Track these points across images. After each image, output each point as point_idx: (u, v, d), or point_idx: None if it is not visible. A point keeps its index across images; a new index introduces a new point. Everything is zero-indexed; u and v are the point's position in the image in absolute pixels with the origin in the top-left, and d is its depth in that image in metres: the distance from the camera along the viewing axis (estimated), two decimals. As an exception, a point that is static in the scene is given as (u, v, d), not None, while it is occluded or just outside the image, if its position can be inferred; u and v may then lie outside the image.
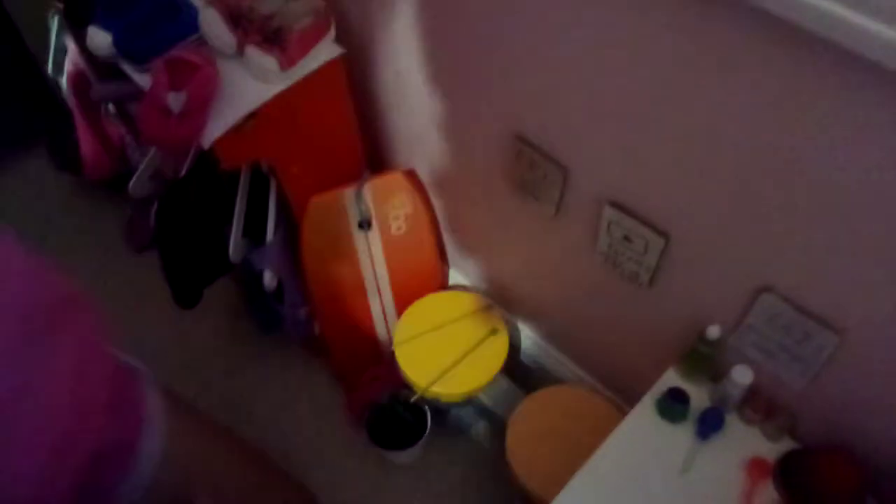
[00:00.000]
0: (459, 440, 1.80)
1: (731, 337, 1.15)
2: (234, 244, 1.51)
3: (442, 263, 1.75)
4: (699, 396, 1.22)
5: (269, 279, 1.51)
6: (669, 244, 1.12)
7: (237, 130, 1.24)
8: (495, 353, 1.55)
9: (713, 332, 1.14)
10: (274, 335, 1.95)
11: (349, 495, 1.72)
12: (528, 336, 1.67)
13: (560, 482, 1.39)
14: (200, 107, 1.21)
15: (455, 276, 1.79)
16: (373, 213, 1.54)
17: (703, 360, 1.20)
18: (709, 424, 1.20)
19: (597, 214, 1.20)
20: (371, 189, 1.51)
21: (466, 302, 1.64)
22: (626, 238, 1.17)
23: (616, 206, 1.15)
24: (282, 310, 1.61)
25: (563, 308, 1.50)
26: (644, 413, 1.23)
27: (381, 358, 1.79)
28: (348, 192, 1.49)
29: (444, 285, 1.72)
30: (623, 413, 1.50)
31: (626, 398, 1.52)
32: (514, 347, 1.57)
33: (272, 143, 1.35)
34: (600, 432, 1.44)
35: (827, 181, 0.84)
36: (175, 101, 1.20)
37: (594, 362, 1.55)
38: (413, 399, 1.53)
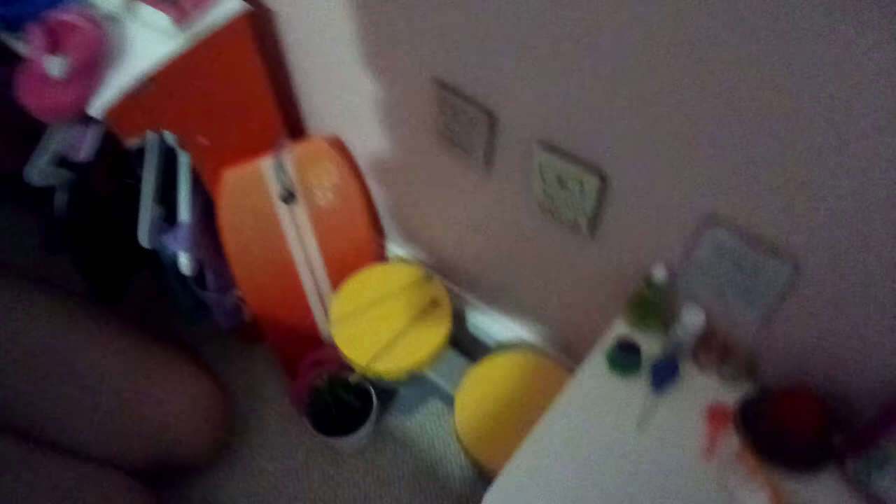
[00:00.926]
0: (410, 422, 1.71)
1: (678, 278, 1.08)
2: (144, 227, 1.39)
3: (376, 235, 1.65)
4: (651, 346, 1.15)
5: (185, 263, 1.39)
6: (606, 184, 1.04)
7: (135, 97, 1.13)
8: (438, 325, 1.46)
9: (658, 273, 1.06)
10: (203, 325, 1.82)
11: (298, 488, 1.62)
12: (472, 304, 1.59)
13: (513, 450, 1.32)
14: (85, 71, 1.09)
15: (392, 248, 1.69)
16: (296, 184, 1.44)
17: (651, 305, 1.13)
18: (662, 375, 1.12)
19: (528, 159, 1.11)
20: (292, 158, 1.40)
21: (404, 274, 1.55)
22: (561, 182, 1.09)
23: (547, 146, 1.06)
24: (207, 296, 1.50)
25: (506, 269, 1.42)
26: (594, 369, 1.15)
27: (320, 340, 1.69)
28: (266, 163, 1.38)
29: (380, 258, 1.62)
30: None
31: (578, 359, 1.44)
32: (459, 318, 1.48)
33: (175, 110, 1.23)
34: (552, 397, 1.37)
35: (761, 91, 0.77)
36: (56, 65, 1.08)
37: (543, 324, 1.47)
38: (353, 380, 1.43)
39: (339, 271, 1.58)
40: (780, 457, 1.03)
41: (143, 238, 1.41)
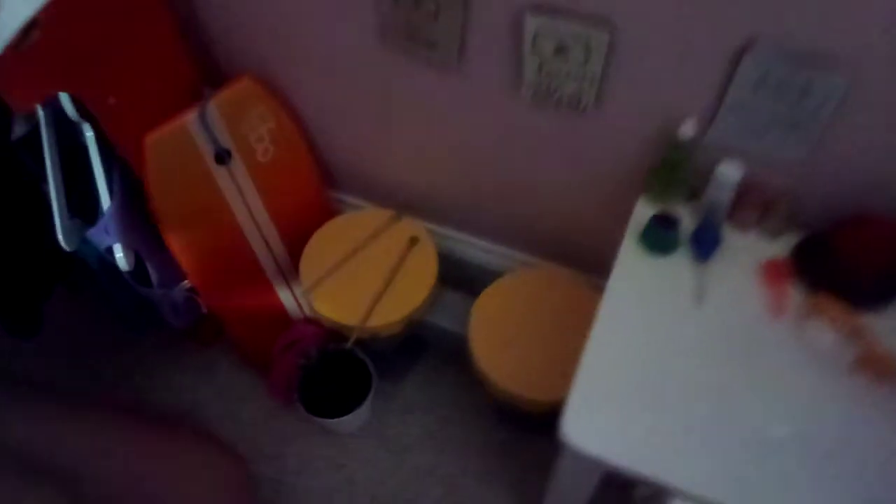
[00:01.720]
0: (408, 384, 1.55)
1: (708, 131, 0.97)
2: (63, 225, 1.15)
3: (326, 187, 1.46)
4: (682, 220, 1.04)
5: (121, 257, 1.16)
6: (616, 35, 0.90)
7: (16, 49, 0.89)
8: (424, 262, 1.30)
9: (686, 128, 0.95)
10: (153, 331, 1.58)
11: (307, 485, 1.43)
12: (458, 239, 1.43)
13: (548, 373, 1.19)
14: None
15: (346, 200, 1.51)
16: (229, 139, 1.23)
17: (676, 171, 1.02)
18: (705, 243, 1.02)
19: (515, 36, 0.96)
20: (218, 108, 1.19)
21: (370, 220, 1.37)
22: (560, 50, 0.94)
23: (542, 10, 0.92)
24: (152, 294, 1.27)
25: (494, 187, 1.27)
26: (631, 257, 1.03)
27: (288, 318, 1.49)
28: (191, 119, 1.16)
29: (334, 212, 1.43)
30: (590, 284, 1.32)
31: (592, 269, 1.32)
32: (447, 257, 1.32)
33: (71, 63, 1.00)
34: (574, 308, 1.25)
35: None
36: None
37: (547, 241, 1.33)
38: (349, 345, 1.25)
39: (294, 234, 1.38)
40: (851, 294, 0.95)
41: (63, 240, 1.16)
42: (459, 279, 1.39)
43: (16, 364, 1.56)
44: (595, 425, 0.88)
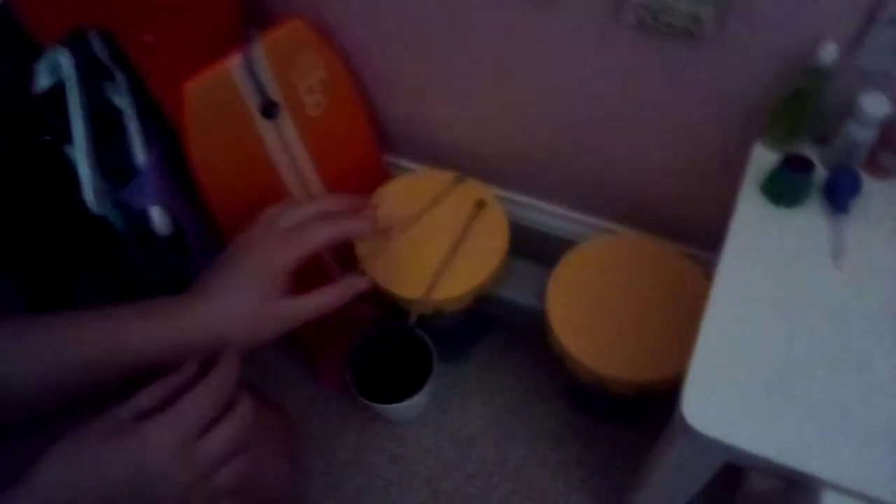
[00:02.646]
0: (476, 366, 1.41)
1: (852, 53, 0.81)
2: (90, 184, 1.02)
3: (380, 148, 1.32)
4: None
5: (159, 220, 1.03)
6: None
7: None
8: (493, 229, 1.16)
9: (827, 51, 0.79)
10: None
11: (362, 479, 1.29)
12: (528, 205, 1.28)
13: (639, 351, 1.04)
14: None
15: (403, 164, 1.37)
16: (276, 88, 1.09)
17: (807, 107, 0.86)
18: (843, 189, 0.86)
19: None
20: (265, 52, 1.05)
21: (430, 183, 1.23)
22: (675, -42, 0.79)
23: None
24: (191, 264, 1.13)
25: (577, 145, 1.12)
26: (751, 209, 0.88)
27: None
28: (235, 64, 1.03)
29: (389, 177, 1.29)
30: (683, 253, 1.16)
31: (680, 236, 1.17)
32: (516, 226, 1.17)
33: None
34: (666, 278, 1.10)
35: None
36: None
37: (633, 204, 1.18)
38: (412, 321, 1.11)
39: (346, 199, 1.24)
40: None
41: (92, 202, 1.04)
42: (529, 250, 1.25)
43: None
44: (721, 407, 0.73)
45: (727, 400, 0.73)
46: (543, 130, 1.13)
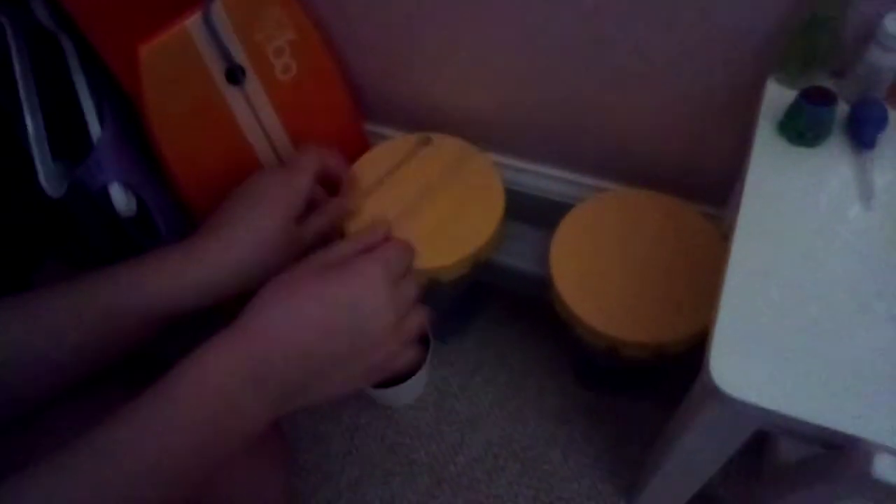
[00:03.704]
0: (474, 341, 1.32)
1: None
2: (45, 166, 0.93)
3: (357, 114, 1.23)
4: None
5: (120, 199, 0.94)
6: None
7: None
8: (488, 191, 1.07)
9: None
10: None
11: (362, 466, 1.21)
12: (522, 168, 1.19)
13: (651, 311, 0.96)
14: None
15: (385, 133, 1.27)
16: (240, 50, 1.00)
17: (824, 34, 0.77)
18: (869, 123, 0.77)
19: None
20: (225, 10, 0.96)
21: (408, 147, 1.14)
22: None
23: None
24: (159, 246, 1.04)
25: (571, 95, 1.03)
26: (769, 151, 0.79)
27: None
28: (194, 24, 0.93)
29: (365, 144, 1.20)
30: (690, 208, 1.08)
31: (686, 191, 1.08)
32: (510, 191, 1.08)
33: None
34: (674, 233, 1.02)
35: None
36: None
37: (633, 159, 1.09)
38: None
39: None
40: None
41: (46, 184, 0.95)
42: (527, 216, 1.16)
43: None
44: (752, 367, 0.64)
45: (759, 360, 0.65)
46: (535, 85, 1.04)
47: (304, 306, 0.62)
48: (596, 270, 1.00)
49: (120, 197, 0.94)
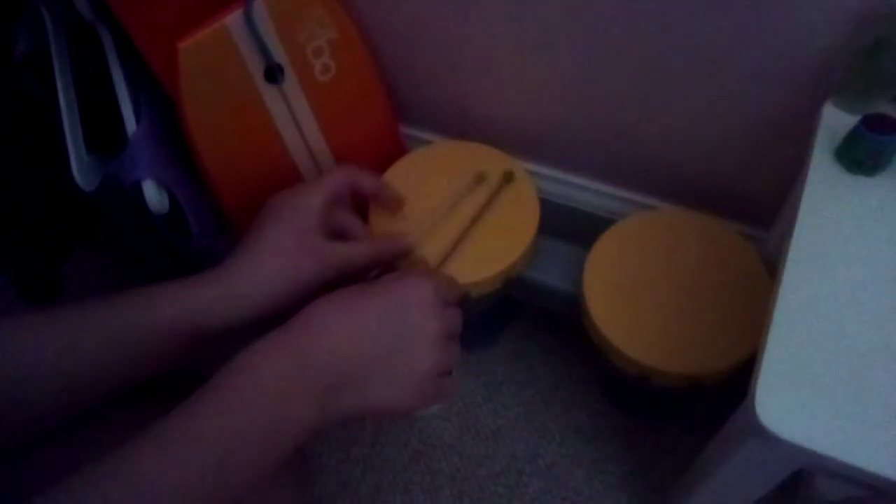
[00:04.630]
0: (503, 354, 1.30)
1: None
2: (78, 159, 0.92)
3: (397, 118, 1.21)
4: None
5: (153, 195, 0.93)
6: None
7: None
8: (523, 206, 1.05)
9: (924, -10, 0.67)
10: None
11: (383, 473, 1.19)
12: (560, 179, 1.17)
13: (686, 340, 0.93)
14: None
15: (423, 138, 1.26)
16: (280, 49, 0.98)
17: (889, 58, 0.74)
18: (933, 154, 0.74)
19: None
20: (267, 8, 0.94)
21: (455, 155, 1.12)
22: None
23: None
24: (192, 246, 1.03)
25: (615, 111, 1.00)
26: (824, 179, 0.76)
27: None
28: (234, 21, 0.92)
29: (407, 151, 1.18)
30: (735, 231, 1.05)
31: (732, 212, 1.05)
32: (547, 202, 1.06)
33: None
34: (716, 258, 0.99)
35: None
36: None
37: (677, 177, 1.06)
38: None
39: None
40: None
41: (79, 177, 0.94)
42: (562, 229, 1.13)
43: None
44: (799, 406, 0.61)
45: (807, 398, 0.61)
46: (580, 95, 1.01)
47: (351, 307, 0.63)
48: (631, 293, 0.97)
49: (153, 194, 0.92)
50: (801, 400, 0.61)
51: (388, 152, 1.15)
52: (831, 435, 0.59)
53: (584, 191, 1.15)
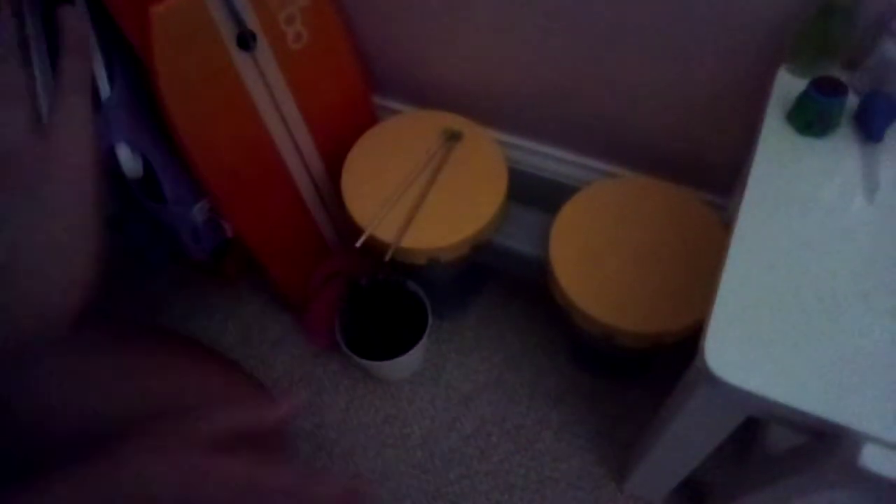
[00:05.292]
0: (473, 320, 1.33)
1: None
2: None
3: (369, 87, 1.23)
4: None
5: (127, 159, 0.94)
6: None
7: None
8: (491, 173, 1.08)
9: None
10: (169, 264, 1.37)
11: (357, 436, 1.22)
12: (527, 148, 1.19)
13: (649, 301, 0.96)
14: None
15: (394, 107, 1.28)
16: (253, 16, 0.99)
17: (836, 24, 0.77)
18: (878, 115, 0.77)
19: None
20: (239, -24, 0.96)
21: (426, 124, 1.14)
22: None
23: None
24: (167, 212, 1.05)
25: (579, 76, 1.03)
26: (776, 140, 0.80)
27: (327, 246, 1.28)
28: (207, -13, 0.93)
29: (378, 120, 1.20)
30: (695, 198, 1.08)
31: (692, 180, 1.09)
32: (515, 171, 1.08)
33: None
34: (677, 223, 1.02)
35: None
36: None
37: (639, 144, 1.09)
38: (387, 258, 1.03)
39: (332, 142, 1.16)
40: None
41: (51, 142, 0.94)
42: (530, 196, 1.16)
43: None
44: (747, 354, 0.65)
45: (754, 347, 0.65)
46: (542, 62, 1.04)
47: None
48: (595, 257, 1.00)
49: (127, 158, 0.94)
50: (748, 348, 0.65)
51: (360, 120, 1.17)
52: (776, 380, 0.63)
53: (551, 159, 1.18)
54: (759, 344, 0.65)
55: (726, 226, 1.00)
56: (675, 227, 1.02)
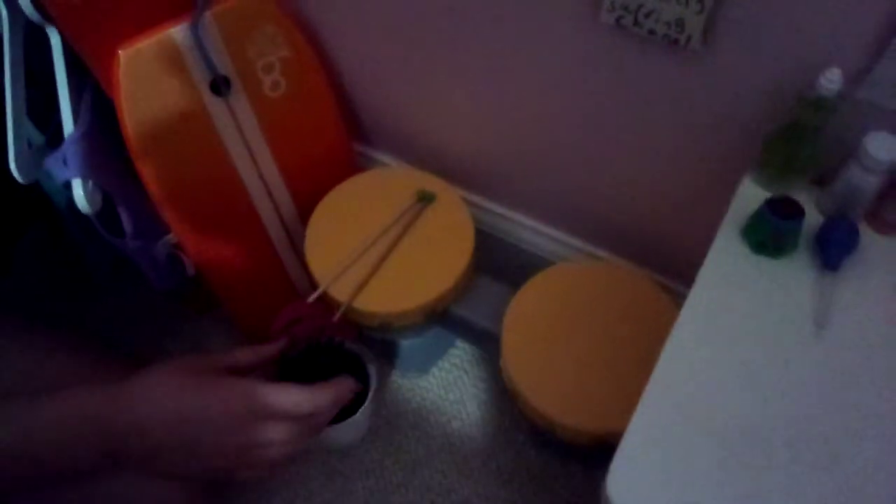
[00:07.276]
0: (435, 381, 1.30)
1: (859, 85, 0.69)
2: (17, 152, 0.94)
3: (350, 138, 1.22)
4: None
5: (82, 195, 0.94)
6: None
7: None
8: (457, 240, 1.05)
9: (831, 79, 0.66)
10: (131, 290, 1.37)
11: (298, 489, 1.20)
12: (501, 214, 1.17)
13: (598, 396, 0.92)
14: None
15: (377, 157, 1.26)
16: (229, 63, 0.99)
17: (804, 142, 0.73)
18: (836, 244, 0.73)
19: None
20: (217, 22, 0.96)
21: (402, 182, 1.12)
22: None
23: None
24: (126, 246, 1.05)
25: (552, 155, 1.01)
26: (727, 255, 0.76)
27: (295, 292, 1.26)
28: (180, 31, 0.93)
29: (360, 170, 1.18)
30: (665, 287, 1.05)
31: (663, 267, 1.05)
32: (486, 236, 1.06)
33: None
34: (641, 314, 0.98)
35: None
36: None
37: (609, 226, 1.06)
38: (336, 317, 1.00)
39: (307, 190, 1.15)
40: None
41: (16, 169, 0.95)
42: (501, 267, 1.13)
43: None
44: (657, 487, 0.61)
45: (666, 478, 0.61)
46: (522, 136, 1.02)
47: (175, 394, 0.68)
48: (548, 343, 0.97)
49: (81, 193, 0.93)
50: (659, 480, 0.61)
51: (338, 169, 1.16)
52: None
53: (527, 229, 1.16)
54: (673, 475, 0.61)
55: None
56: (634, 321, 0.98)
